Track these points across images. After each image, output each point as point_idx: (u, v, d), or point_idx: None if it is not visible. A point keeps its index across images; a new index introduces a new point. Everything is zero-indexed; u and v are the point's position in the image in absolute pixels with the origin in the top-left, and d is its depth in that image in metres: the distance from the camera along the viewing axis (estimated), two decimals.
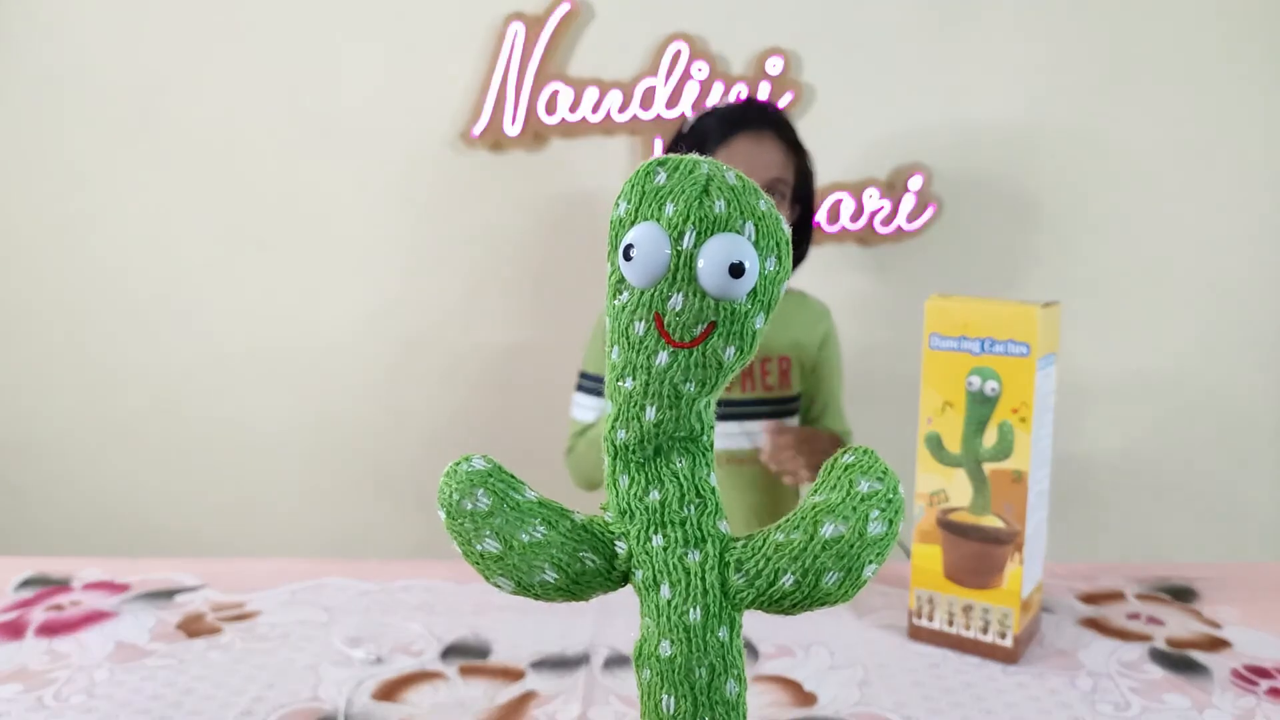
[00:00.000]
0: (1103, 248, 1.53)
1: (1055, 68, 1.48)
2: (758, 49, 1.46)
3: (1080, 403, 1.52)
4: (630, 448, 0.42)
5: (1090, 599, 0.75)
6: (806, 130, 1.18)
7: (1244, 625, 0.70)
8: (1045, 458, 0.67)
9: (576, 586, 0.43)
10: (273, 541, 1.63)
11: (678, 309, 0.39)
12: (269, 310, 1.58)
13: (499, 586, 0.43)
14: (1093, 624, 0.71)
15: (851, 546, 0.39)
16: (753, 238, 0.39)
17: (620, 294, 0.41)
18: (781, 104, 1.45)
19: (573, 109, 1.48)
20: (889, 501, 0.40)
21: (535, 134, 1.48)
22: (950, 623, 0.67)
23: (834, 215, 1.49)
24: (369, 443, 1.61)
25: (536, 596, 0.43)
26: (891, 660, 0.65)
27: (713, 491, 0.43)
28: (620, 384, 0.41)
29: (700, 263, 0.38)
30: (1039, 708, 0.59)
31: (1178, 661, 0.65)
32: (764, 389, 1.15)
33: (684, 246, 0.39)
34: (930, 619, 0.67)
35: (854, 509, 0.39)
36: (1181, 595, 0.76)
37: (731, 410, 1.15)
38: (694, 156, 0.41)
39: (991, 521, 0.65)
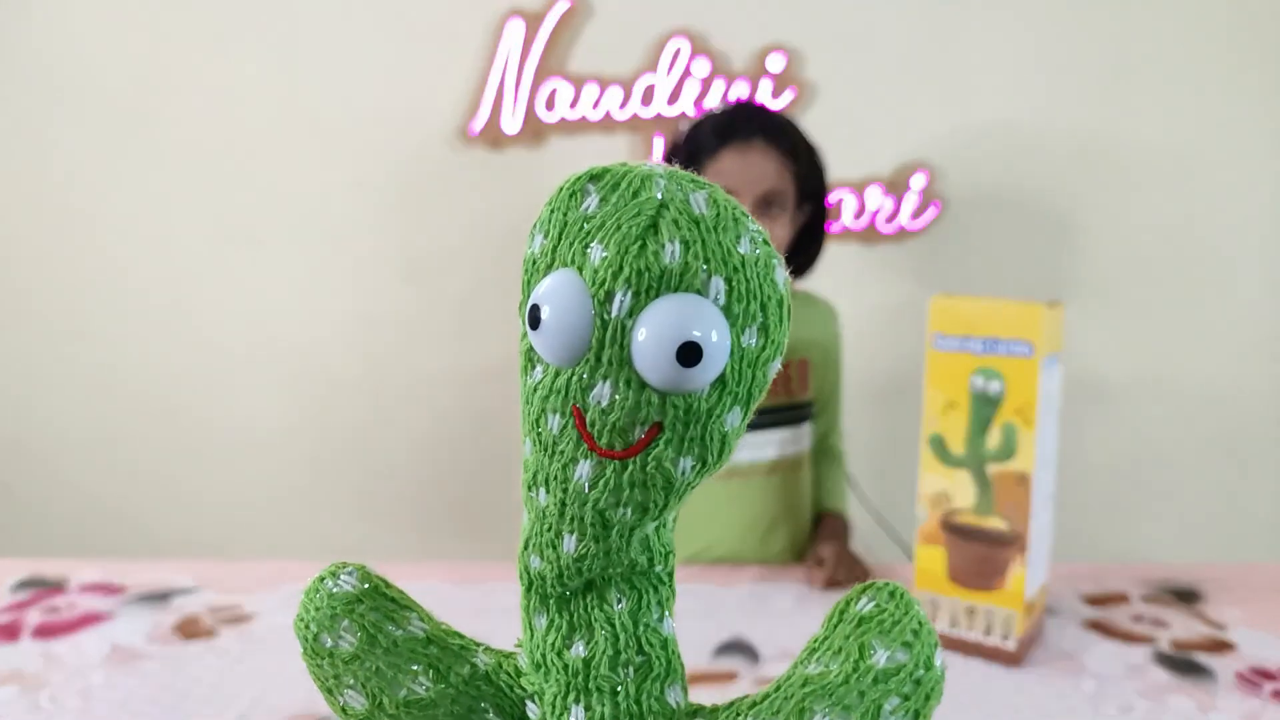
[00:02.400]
0: (1107, 247, 1.53)
1: (1060, 66, 1.48)
2: (759, 45, 1.46)
3: (1085, 403, 1.52)
4: (547, 580, 0.31)
5: (1094, 601, 0.75)
6: (808, 128, 1.18)
7: (1249, 627, 0.71)
8: (1049, 459, 0.68)
9: None
10: (269, 543, 1.63)
11: (603, 404, 0.28)
12: (265, 310, 1.59)
13: None
14: (1097, 626, 0.71)
15: None
16: (722, 299, 0.28)
17: (533, 368, 0.30)
18: (783, 102, 1.46)
19: (572, 106, 1.48)
20: (916, 684, 0.28)
21: (534, 131, 1.49)
22: (953, 625, 0.67)
23: (836, 214, 1.50)
24: (367, 444, 1.62)
25: None
26: None
27: (664, 645, 0.31)
28: (532, 494, 0.31)
29: (638, 338, 0.27)
30: (1042, 711, 0.59)
31: (1182, 664, 0.65)
32: (786, 394, 1.06)
33: (613, 313, 0.28)
34: (933, 621, 0.68)
35: (862, 695, 0.28)
36: (1186, 597, 0.76)
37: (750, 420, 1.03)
38: (647, 167, 0.30)
39: (995, 523, 0.65)
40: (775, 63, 1.49)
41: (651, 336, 0.27)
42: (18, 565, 0.82)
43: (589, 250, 0.28)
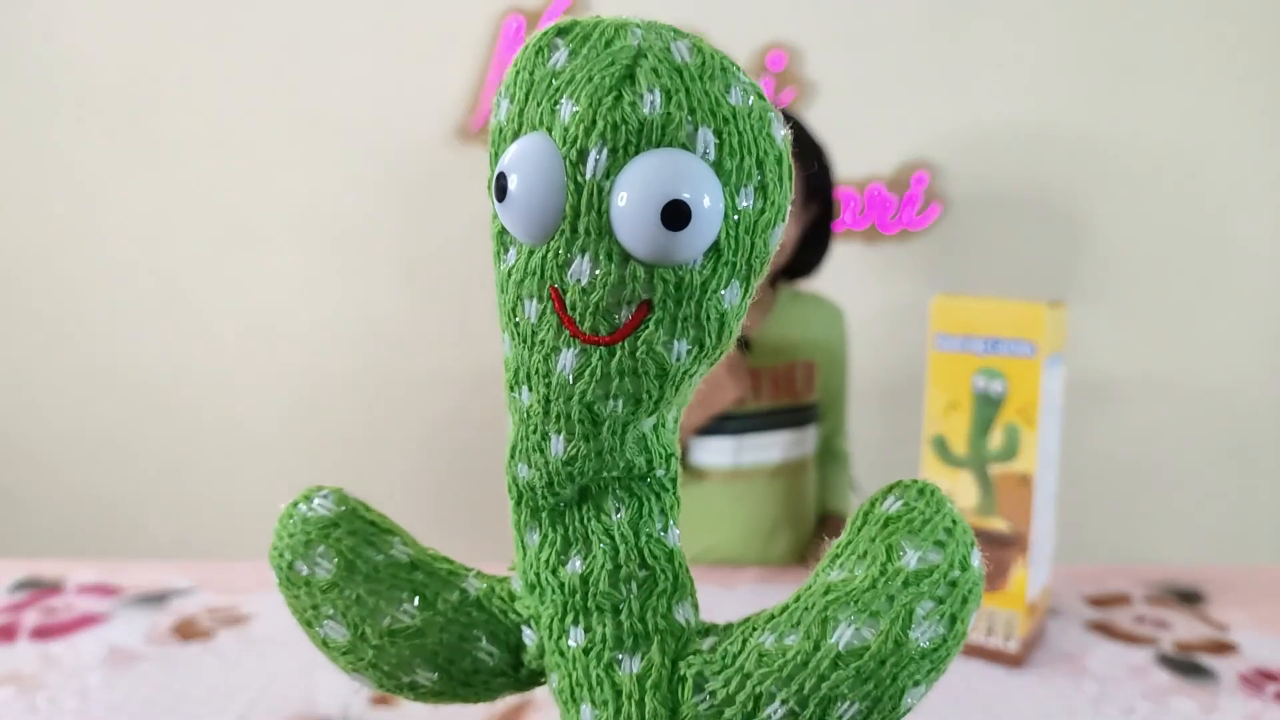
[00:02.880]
0: (1111, 247, 1.53)
1: (1064, 64, 1.48)
2: (759, 44, 1.46)
3: (1088, 403, 1.52)
4: (537, 490, 0.28)
5: (1097, 602, 0.75)
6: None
7: (1251, 629, 0.70)
8: (1052, 459, 0.68)
9: (466, 690, 0.30)
10: (266, 544, 1.63)
11: (583, 281, 0.26)
12: (264, 309, 1.58)
13: (358, 681, 0.31)
14: (1099, 627, 0.71)
15: (883, 663, 0.25)
16: (712, 154, 0.25)
17: (506, 251, 0.28)
18: (784, 100, 1.45)
19: None
20: (951, 585, 0.26)
21: None
22: None
23: (838, 212, 1.50)
24: (366, 444, 1.62)
25: (412, 697, 0.31)
26: None
27: (669, 557, 0.29)
28: (514, 394, 0.28)
29: (618, 202, 0.25)
30: (1044, 712, 0.59)
31: (1184, 665, 0.65)
32: (791, 396, 1.05)
33: (586, 174, 0.25)
34: None
35: (891, 600, 0.25)
36: (1189, 598, 0.76)
37: (753, 422, 1.02)
38: (622, 18, 0.27)
39: (997, 524, 0.65)
40: (776, 61, 1.49)
41: (633, 199, 0.24)
42: (15, 566, 0.82)
43: (558, 108, 0.25)
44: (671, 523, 0.29)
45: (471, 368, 1.60)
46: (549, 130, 0.26)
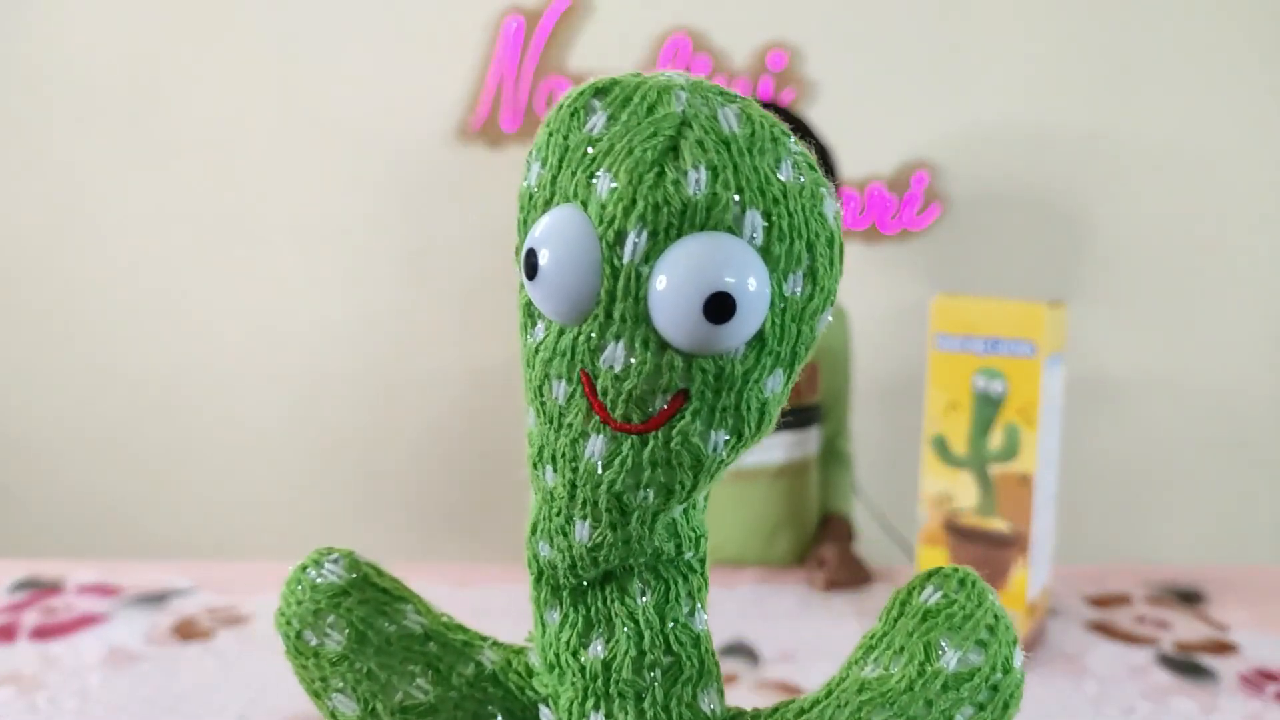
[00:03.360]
0: (1113, 247, 1.53)
1: (1064, 63, 1.48)
2: (760, 43, 1.46)
3: (1089, 403, 1.52)
4: (559, 570, 0.27)
5: (1097, 602, 0.76)
6: None
7: (1252, 629, 0.71)
8: (1052, 459, 0.68)
9: None
10: (267, 544, 1.63)
11: (616, 369, 0.24)
12: (264, 308, 1.59)
13: None
14: (1099, 628, 0.71)
15: None
16: (759, 239, 0.23)
17: (533, 325, 0.27)
18: (784, 101, 1.46)
19: None
20: (994, 690, 0.25)
21: (534, 130, 1.49)
22: None
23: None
24: (364, 445, 1.62)
25: None
26: None
27: (695, 642, 0.28)
28: (538, 472, 0.27)
29: (657, 287, 0.23)
30: (1044, 712, 0.59)
31: (1185, 665, 0.65)
32: (794, 397, 1.04)
33: (624, 258, 0.23)
34: None
35: (929, 705, 0.24)
36: (1189, 599, 0.76)
37: None
38: (665, 76, 0.25)
39: (997, 524, 0.65)
40: (776, 61, 1.49)
41: (673, 286, 0.23)
42: (14, 566, 0.82)
43: (594, 181, 0.24)
44: (699, 606, 0.28)
45: (471, 368, 1.61)
46: (584, 204, 0.24)
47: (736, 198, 0.23)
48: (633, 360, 0.24)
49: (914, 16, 1.47)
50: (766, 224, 0.24)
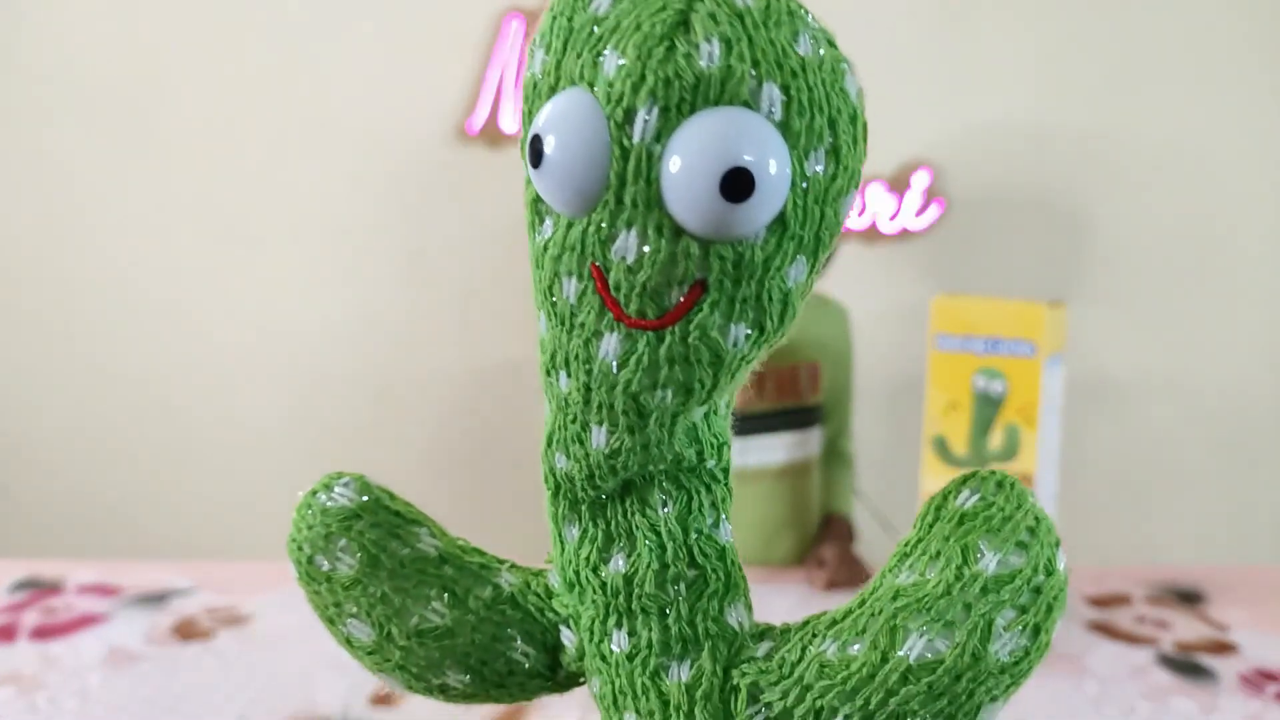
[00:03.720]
0: (1115, 247, 1.53)
1: (1065, 62, 1.48)
2: None
3: (1090, 403, 1.52)
4: (576, 482, 0.26)
5: (1097, 602, 0.76)
6: None
7: (1252, 629, 0.71)
8: (1053, 459, 0.68)
9: (500, 691, 0.29)
10: (267, 544, 1.64)
11: (629, 260, 0.23)
12: (264, 308, 1.59)
13: (387, 682, 0.29)
14: (1099, 628, 0.71)
15: (958, 678, 0.23)
16: (778, 113, 0.22)
17: (541, 222, 0.26)
18: None
19: None
20: (1035, 592, 0.24)
21: None
22: None
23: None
24: (366, 443, 1.62)
25: (442, 699, 0.29)
26: None
27: (721, 554, 0.27)
28: (551, 379, 0.26)
29: (670, 169, 0.22)
30: (1044, 712, 0.59)
31: (1184, 665, 0.65)
32: (795, 397, 1.04)
33: (634, 138, 0.22)
34: None
35: (968, 608, 0.23)
36: (1189, 599, 0.76)
37: (757, 424, 1.01)
38: None
39: None
40: None
41: (687, 164, 0.22)
42: (14, 566, 0.82)
43: (601, 60, 0.22)
44: (723, 517, 0.27)
45: (471, 368, 1.61)
46: (591, 86, 0.23)
47: (753, 70, 0.22)
48: (646, 249, 0.23)
49: (914, 15, 1.47)
50: (785, 98, 0.22)
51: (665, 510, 0.26)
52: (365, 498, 0.28)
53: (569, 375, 0.25)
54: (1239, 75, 1.47)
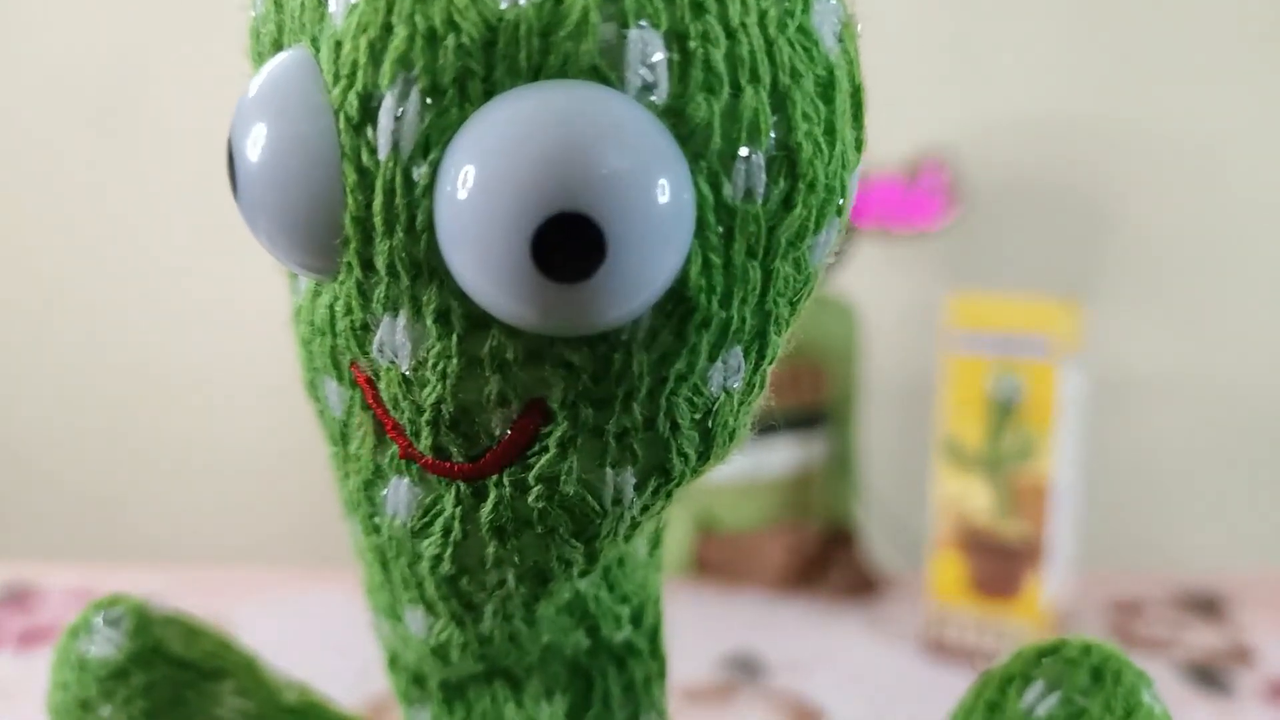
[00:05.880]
0: (1137, 243, 1.53)
1: (1084, 50, 1.48)
2: None
3: (1109, 404, 1.52)
4: (409, 665, 0.19)
5: (1115, 609, 0.76)
6: None
7: (1273, 636, 0.71)
8: (1071, 463, 0.68)
9: None
10: (252, 549, 1.63)
11: (401, 361, 0.15)
12: (251, 310, 1.58)
13: None
14: (1116, 635, 0.71)
15: None
16: (660, 90, 0.13)
17: (295, 278, 0.18)
18: None
19: None
20: None
21: None
22: (967, 635, 0.67)
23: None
24: None
25: None
26: (904, 674, 0.65)
27: None
28: (348, 517, 0.20)
29: (447, 209, 0.13)
30: None
31: (1203, 675, 0.65)
32: (797, 399, 1.04)
33: (380, 148, 0.14)
34: (946, 631, 0.68)
35: None
36: (1208, 605, 0.76)
37: (757, 426, 0.99)
38: None
39: (1011, 530, 0.66)
40: None
41: (476, 206, 0.13)
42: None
43: (327, 2, 0.14)
44: (650, 706, 0.19)
45: None
46: (315, 46, 0.14)
47: (608, 7, 0.12)
48: (425, 349, 0.14)
49: (928, 4, 1.47)
50: (677, 56, 0.13)
51: (549, 705, 0.17)
52: (141, 642, 0.21)
53: (360, 524, 0.18)
54: (1267, 67, 1.46)
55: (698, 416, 0.16)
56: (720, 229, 0.14)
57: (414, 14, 0.12)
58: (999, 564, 0.66)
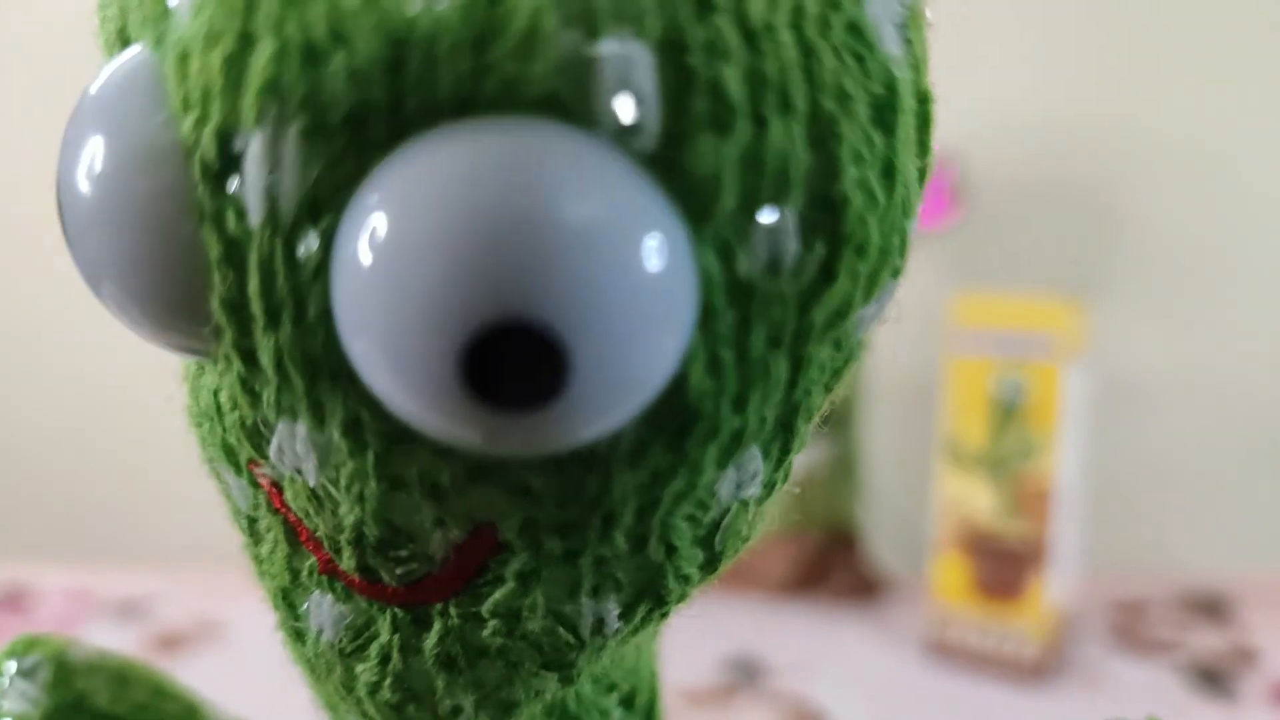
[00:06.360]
0: (1143, 242, 1.52)
1: (1091, 52, 1.48)
2: None
3: (1112, 406, 1.52)
4: None
5: (1118, 610, 0.76)
6: None
7: (1278, 639, 0.71)
8: (1075, 464, 0.68)
9: None
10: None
11: (308, 474, 0.12)
12: None
13: None
14: (1119, 638, 0.71)
15: None
16: (649, 131, 0.09)
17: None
18: None
19: None
20: None
21: None
22: (970, 637, 0.67)
23: None
24: None
25: None
26: (905, 676, 0.65)
27: None
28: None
29: (343, 295, 0.10)
30: None
31: (1208, 677, 0.65)
32: None
33: (251, 212, 0.10)
34: (948, 633, 0.68)
35: None
36: (1214, 607, 0.76)
37: None
38: None
39: (1014, 531, 0.65)
40: None
41: (383, 296, 0.09)
42: None
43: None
44: None
45: None
46: (158, 49, 0.11)
47: (576, 9, 0.09)
48: (335, 466, 0.11)
49: (933, 1, 1.46)
50: (672, 78, 0.09)
51: None
52: (58, 698, 0.18)
53: (281, 624, 0.16)
54: (1275, 67, 1.46)
55: (701, 534, 0.13)
56: (733, 315, 0.10)
57: (284, 20, 0.09)
58: (1002, 565, 0.66)
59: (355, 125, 0.09)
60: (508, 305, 0.09)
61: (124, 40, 0.12)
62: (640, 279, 0.09)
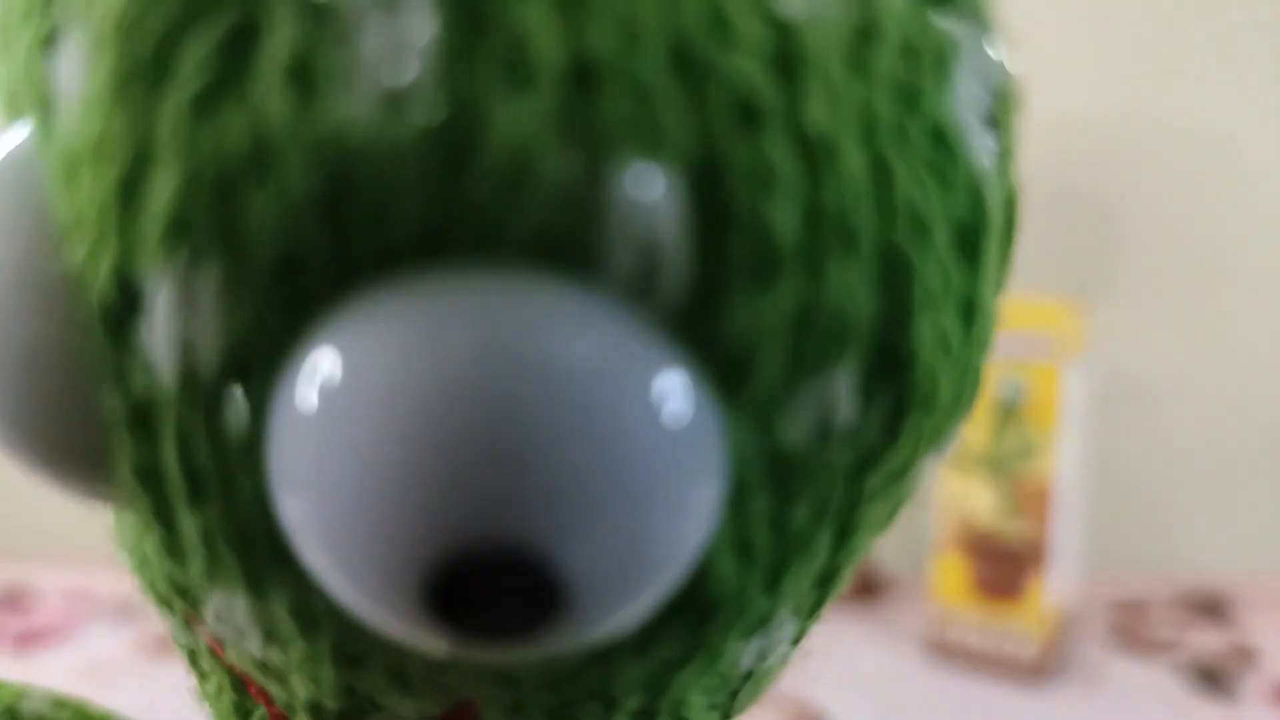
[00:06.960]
0: (1146, 243, 1.52)
1: (1093, 50, 1.48)
2: None
3: (1114, 406, 1.52)
4: None
5: (1119, 610, 0.76)
6: None
7: (1279, 639, 0.71)
8: (1076, 465, 0.68)
9: None
10: None
11: (251, 647, 0.10)
12: None
13: None
14: (1120, 639, 0.71)
15: None
16: (662, 293, 0.07)
17: None
18: None
19: None
20: None
21: None
22: (970, 637, 0.68)
23: None
24: None
25: None
26: (906, 676, 0.66)
27: None
28: None
29: (279, 469, 0.08)
30: None
31: (1208, 677, 0.65)
32: None
33: (160, 364, 0.08)
34: (948, 633, 0.68)
35: None
36: (1214, 608, 0.77)
37: None
38: None
39: (1014, 532, 0.66)
40: None
41: (329, 498, 0.07)
42: None
43: (54, 59, 0.07)
44: None
45: None
46: (44, 132, 0.08)
47: (569, 116, 0.07)
48: (282, 644, 0.10)
49: None
50: (704, 212, 0.07)
51: None
52: None
53: None
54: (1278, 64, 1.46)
55: (718, 700, 0.12)
56: (771, 491, 0.09)
57: (194, 138, 0.07)
58: (1002, 565, 0.66)
59: (287, 272, 0.07)
60: (485, 525, 0.07)
61: (14, 111, 0.09)
62: (657, 478, 0.07)
